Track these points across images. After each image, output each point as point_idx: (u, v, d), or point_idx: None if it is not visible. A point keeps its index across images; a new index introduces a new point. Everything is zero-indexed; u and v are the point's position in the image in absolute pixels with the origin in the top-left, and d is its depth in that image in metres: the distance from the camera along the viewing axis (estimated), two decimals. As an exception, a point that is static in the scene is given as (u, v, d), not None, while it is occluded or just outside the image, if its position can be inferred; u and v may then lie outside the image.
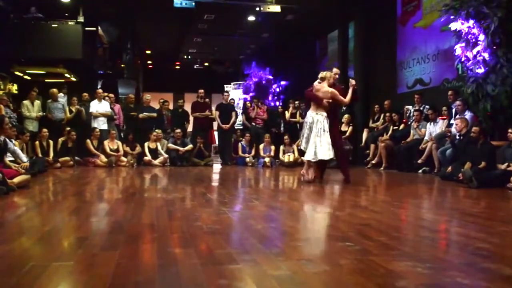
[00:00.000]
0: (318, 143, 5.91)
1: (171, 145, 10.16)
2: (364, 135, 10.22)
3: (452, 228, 3.36)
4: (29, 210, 3.96)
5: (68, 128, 9.54)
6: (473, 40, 6.83)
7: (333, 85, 6.19)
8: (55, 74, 13.51)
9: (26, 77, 13.55)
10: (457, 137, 7.01)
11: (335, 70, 6.46)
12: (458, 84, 8.15)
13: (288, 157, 10.17)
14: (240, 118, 12.16)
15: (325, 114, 5.99)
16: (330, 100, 6.00)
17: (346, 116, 10.44)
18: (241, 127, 12.05)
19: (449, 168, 6.62)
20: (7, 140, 6.26)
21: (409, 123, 9.12)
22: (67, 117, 10.01)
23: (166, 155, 10.06)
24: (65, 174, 7.60)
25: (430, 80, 9.43)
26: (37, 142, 8.97)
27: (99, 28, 14.84)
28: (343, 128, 10.42)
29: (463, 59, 7.07)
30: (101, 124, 10.00)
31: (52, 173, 7.65)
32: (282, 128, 11.73)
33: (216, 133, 11.87)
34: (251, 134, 10.92)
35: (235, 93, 16.23)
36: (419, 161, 8.13)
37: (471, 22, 6.76)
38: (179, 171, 8.70)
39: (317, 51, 14.82)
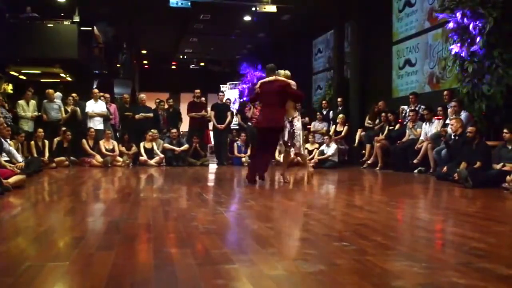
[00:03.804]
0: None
1: (167, 145, 10.15)
2: (358, 134, 10.18)
3: (448, 228, 3.37)
4: (24, 210, 3.94)
5: (64, 128, 9.50)
6: (469, 40, 6.86)
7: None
8: (51, 74, 13.44)
9: (21, 77, 13.47)
10: (452, 137, 7.03)
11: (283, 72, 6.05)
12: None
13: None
14: (236, 118, 12.15)
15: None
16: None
17: (340, 116, 10.44)
18: (237, 127, 12.02)
19: (445, 168, 6.64)
20: (2, 140, 6.25)
21: (404, 123, 9.13)
22: (64, 118, 9.99)
23: (162, 155, 10.05)
24: (60, 174, 7.58)
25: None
26: (32, 142, 8.93)
27: (95, 28, 14.79)
28: (338, 128, 10.43)
29: (458, 59, 7.10)
30: (97, 124, 9.97)
31: (47, 173, 7.62)
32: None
33: (212, 133, 11.86)
34: (247, 134, 10.91)
35: (231, 93, 16.22)
36: (415, 161, 8.14)
37: (467, 22, 6.78)
38: (175, 171, 8.69)
39: (313, 51, 14.84)
